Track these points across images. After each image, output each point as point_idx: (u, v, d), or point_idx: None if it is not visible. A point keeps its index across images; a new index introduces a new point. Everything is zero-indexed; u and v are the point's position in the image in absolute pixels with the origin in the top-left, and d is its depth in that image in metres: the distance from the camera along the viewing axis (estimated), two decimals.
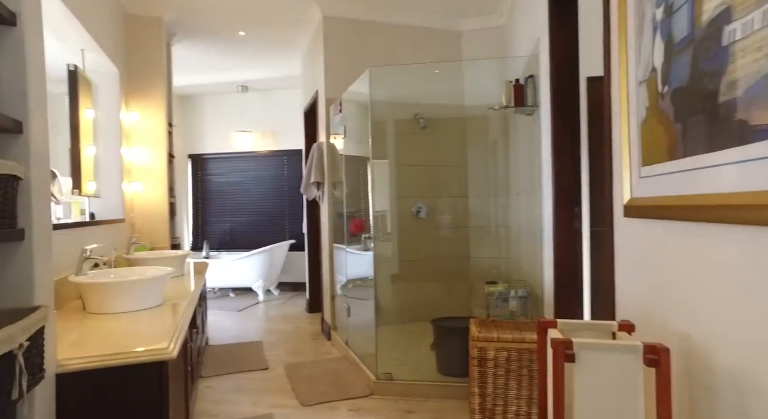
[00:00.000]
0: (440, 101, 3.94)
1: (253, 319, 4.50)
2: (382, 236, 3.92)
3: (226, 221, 6.08)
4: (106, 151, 3.04)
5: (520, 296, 2.47)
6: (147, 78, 3.51)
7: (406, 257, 3.91)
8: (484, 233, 4.02)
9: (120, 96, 3.17)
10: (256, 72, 5.23)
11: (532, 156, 2.63)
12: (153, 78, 3.53)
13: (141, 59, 3.49)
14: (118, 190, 3.11)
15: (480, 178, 3.99)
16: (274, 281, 5.66)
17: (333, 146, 3.67)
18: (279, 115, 5.93)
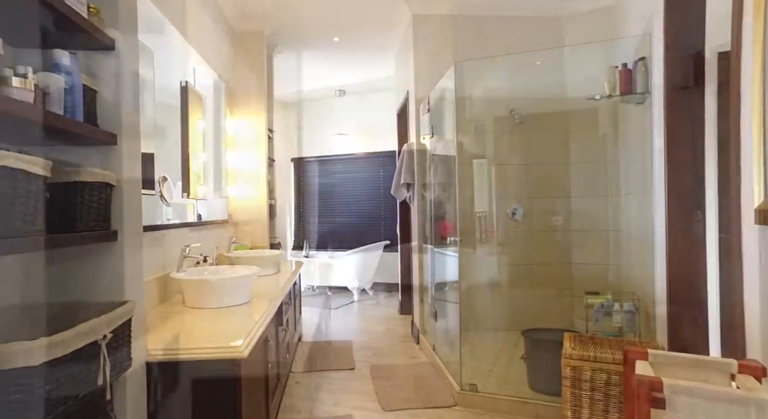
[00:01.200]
0: (538, 94, 3.65)
1: (346, 318, 4.62)
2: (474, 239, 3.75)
3: (326, 222, 6.33)
4: (213, 157, 3.32)
5: (627, 310, 2.16)
6: (249, 88, 3.77)
7: (500, 261, 3.69)
8: (589, 238, 3.63)
9: (224, 106, 3.44)
10: (351, 76, 5.37)
11: (644, 151, 2.30)
12: (255, 88, 3.79)
13: (245, 71, 3.76)
14: (222, 193, 3.37)
15: (583, 176, 3.62)
16: (369, 281, 5.76)
17: (423, 146, 3.60)
18: (374, 117, 6.02)
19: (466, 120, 3.66)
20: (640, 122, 2.35)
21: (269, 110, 4.28)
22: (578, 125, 3.59)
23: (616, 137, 3.06)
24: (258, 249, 3.67)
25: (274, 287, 2.39)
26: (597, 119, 3.47)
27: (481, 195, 3.79)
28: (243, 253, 3.04)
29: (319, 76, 5.32)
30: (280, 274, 2.86)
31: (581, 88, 3.58)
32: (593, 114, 3.50)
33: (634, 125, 2.47)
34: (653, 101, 2.05)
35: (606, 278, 3.48)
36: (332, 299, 5.52)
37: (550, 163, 3.71)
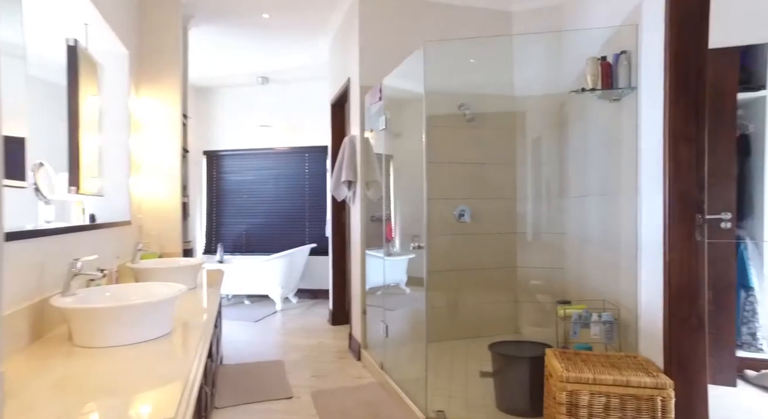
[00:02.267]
0: (489, 90, 3.49)
1: (271, 331, 4.09)
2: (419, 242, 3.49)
3: (242, 223, 5.69)
4: (112, 143, 2.65)
5: (605, 320, 2.01)
6: (160, 63, 3.12)
7: (445, 266, 3.46)
8: (535, 241, 3.56)
9: (129, 81, 2.78)
10: (277, 61, 4.83)
11: (618, 150, 2.17)
12: (167, 63, 3.14)
13: (154, 41, 3.10)
14: (124, 188, 2.71)
15: (531, 177, 3.53)
16: (293, 288, 5.25)
17: (367, 140, 3.24)
18: (300, 109, 5.53)
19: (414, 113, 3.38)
20: (612, 119, 2.23)
21: (183, 92, 3.63)
22: (529, 124, 3.49)
23: (568, 136, 2.97)
24: (169, 257, 3.04)
25: (198, 308, 1.88)
26: (549, 118, 3.39)
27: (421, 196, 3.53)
28: (154, 263, 2.43)
29: (240, 58, 4.71)
30: (200, 289, 2.32)
31: (541, 82, 3.49)
32: (546, 112, 3.42)
33: (603, 123, 2.35)
34: (640, 97, 1.91)
35: (551, 282, 3.42)
36: (252, 309, 4.92)
37: (499, 163, 3.56)
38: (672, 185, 1.63)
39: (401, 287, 3.64)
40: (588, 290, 2.64)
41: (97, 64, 2.40)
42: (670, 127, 1.64)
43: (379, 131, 2.86)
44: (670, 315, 1.64)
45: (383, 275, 3.35)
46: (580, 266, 2.89)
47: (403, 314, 3.56)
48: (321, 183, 5.46)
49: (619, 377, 1.62)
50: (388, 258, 3.41)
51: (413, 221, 3.38)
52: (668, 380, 1.60)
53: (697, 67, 1.62)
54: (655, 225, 1.75)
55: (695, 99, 1.62)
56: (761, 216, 3.12)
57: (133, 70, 2.86)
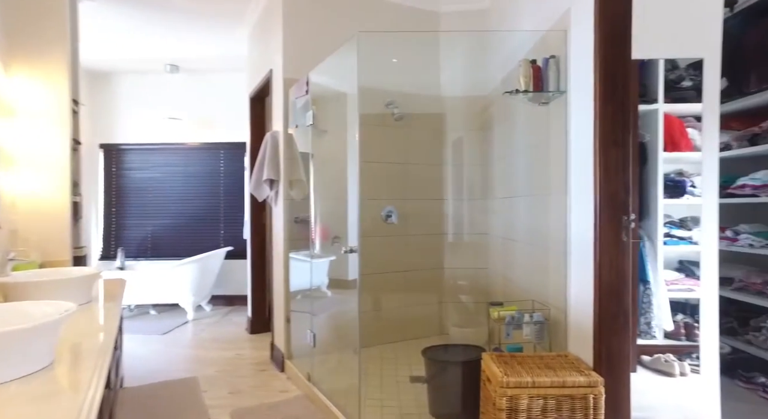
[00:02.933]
0: (417, 90, 3.45)
1: (181, 345, 3.71)
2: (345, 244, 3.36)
3: (147, 225, 5.14)
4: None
5: (536, 321, 2.03)
6: (41, 37, 2.65)
7: (373, 268, 3.36)
8: (460, 241, 3.59)
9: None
10: (188, 48, 4.41)
11: (546, 153, 2.22)
12: (51, 39, 2.68)
13: (30, 11, 2.63)
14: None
15: (458, 178, 3.55)
16: (207, 295, 4.84)
17: (291, 137, 3.04)
18: (215, 102, 5.12)
19: (338, 110, 3.24)
20: (541, 122, 2.27)
21: (73, 73, 3.14)
22: (459, 124, 3.50)
23: (506, 137, 3.02)
24: (54, 267, 2.59)
25: (92, 328, 1.57)
26: (483, 118, 3.43)
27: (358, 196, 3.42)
28: (32, 275, 2.03)
29: (146, 42, 4.23)
30: (96, 303, 1.98)
31: (464, 84, 3.51)
32: (478, 113, 3.46)
33: (534, 126, 2.39)
34: (570, 101, 1.94)
35: (477, 284, 3.47)
36: (159, 320, 4.45)
37: (426, 163, 3.54)
38: (602, 188, 1.67)
39: (323, 290, 3.49)
40: (515, 290, 2.68)
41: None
42: (600, 131, 1.67)
43: (306, 126, 2.68)
44: (600, 313, 1.67)
45: (309, 279, 3.18)
46: (506, 267, 2.94)
47: (328, 319, 3.40)
48: (238, 182, 5.10)
49: (556, 378, 1.62)
50: (313, 261, 3.24)
51: (336, 222, 3.25)
52: (599, 377, 1.63)
53: (624, 73, 1.68)
54: (584, 226, 1.79)
55: (622, 104, 1.67)
56: (656, 218, 3.41)
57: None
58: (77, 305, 1.56)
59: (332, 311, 3.55)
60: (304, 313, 3.05)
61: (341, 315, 3.49)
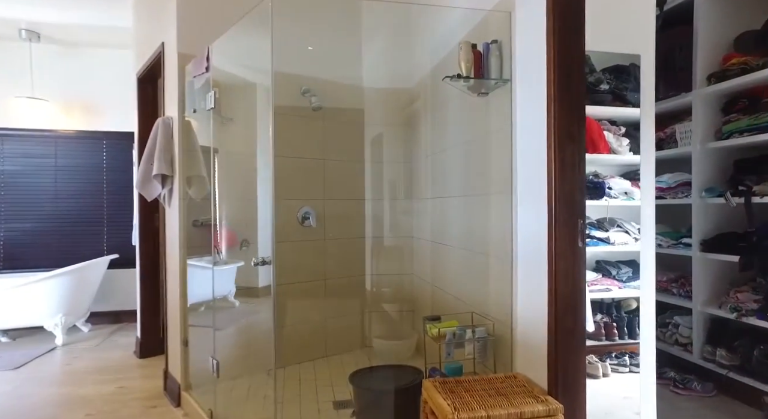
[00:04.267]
0: (336, 78, 3.11)
1: (42, 381, 2.98)
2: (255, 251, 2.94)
3: (8, 230, 4.18)
4: None
5: (480, 337, 1.81)
6: None
7: (288, 277, 2.97)
8: (382, 246, 3.32)
9: None
10: (55, 12, 3.62)
11: (484, 149, 2.02)
12: None
13: None
14: None
15: (379, 177, 3.28)
16: (84, 313, 4.05)
17: (189, 124, 2.54)
18: (96, 82, 4.32)
19: (246, 97, 2.80)
20: (479, 115, 2.07)
21: None
22: (382, 119, 3.23)
23: (436, 132, 2.79)
24: None
25: None
26: (408, 111, 3.18)
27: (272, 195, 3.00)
28: None
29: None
30: None
31: (389, 73, 3.24)
32: (402, 106, 3.20)
33: (470, 119, 2.19)
34: (515, 92, 1.75)
35: (402, 291, 3.23)
36: (12, 349, 3.59)
37: (345, 160, 3.22)
38: (558, 187, 1.48)
39: (230, 299, 3.03)
40: (447, 299, 2.47)
41: None
42: (556, 125, 1.48)
43: (207, 110, 2.22)
44: (557, 329, 1.48)
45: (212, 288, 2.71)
46: (436, 273, 2.73)
47: (236, 334, 2.95)
48: (125, 178, 4.36)
49: (512, 409, 1.40)
50: (217, 268, 2.77)
51: (244, 225, 2.82)
52: (558, 404, 1.44)
53: (579, 63, 1.51)
54: (534, 229, 1.60)
55: (577, 96, 1.50)
56: None
57: None
58: None
59: (241, 324, 3.10)
60: (207, 327, 2.57)
61: (251, 329, 3.05)
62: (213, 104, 2.13)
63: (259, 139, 2.91)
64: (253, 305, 3.12)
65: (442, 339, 1.82)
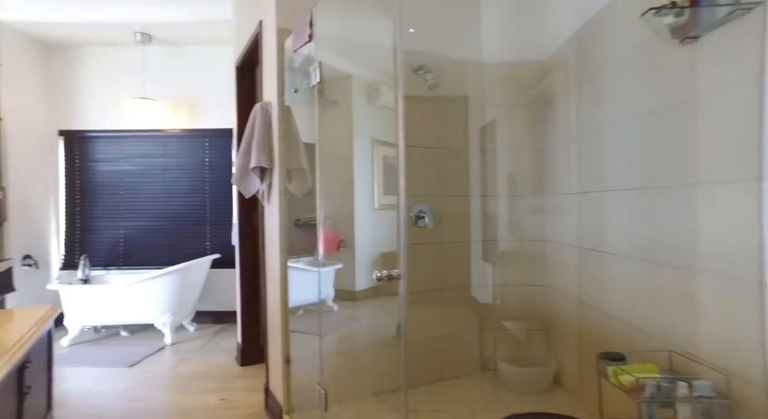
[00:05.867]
0: (451, 52, 2.63)
1: (152, 383, 2.89)
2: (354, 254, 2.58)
3: (119, 228, 4.32)
4: None
5: (702, 395, 1.21)
6: None
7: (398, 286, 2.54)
8: (508, 251, 2.77)
9: None
10: (163, 11, 3.58)
11: (683, 122, 1.40)
12: None
13: None
14: None
15: (503, 168, 2.74)
16: (190, 312, 4.03)
17: (288, 109, 2.22)
18: (198, 80, 4.29)
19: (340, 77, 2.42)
20: (674, 72, 1.45)
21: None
22: (505, 98, 2.69)
23: (586, 109, 2.19)
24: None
25: None
26: (537, 92, 2.61)
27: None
28: None
29: (107, 2, 3.40)
30: None
31: (515, 47, 2.69)
32: (532, 84, 2.64)
33: (661, 80, 1.57)
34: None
35: (532, 306, 2.66)
36: (129, 345, 3.63)
37: (462, 148, 2.72)
38: None
39: (328, 303, 2.70)
40: (611, 326, 1.87)
41: None
42: None
43: (309, 88, 1.86)
44: None
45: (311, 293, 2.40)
46: (587, 288, 2.13)
47: (336, 343, 2.60)
48: (226, 176, 4.28)
49: None
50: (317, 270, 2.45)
51: (341, 224, 2.46)
52: None
53: None
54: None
55: None
56: None
57: None
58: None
59: (341, 332, 2.76)
60: (306, 333, 2.25)
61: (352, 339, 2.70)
62: (318, 78, 1.76)
63: (355, 125, 2.53)
64: (352, 311, 2.78)
65: (640, 391, 1.25)
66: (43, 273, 4.07)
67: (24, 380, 1.44)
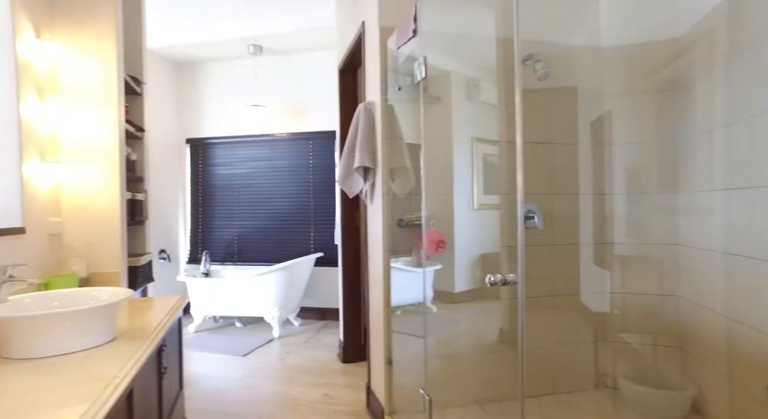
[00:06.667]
0: (562, 35, 2.42)
1: (262, 372, 3.07)
2: None
3: (233, 226, 4.69)
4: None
5: None
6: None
7: (507, 291, 2.40)
8: (630, 255, 2.47)
9: (15, 10, 1.78)
10: (272, 24, 3.81)
11: None
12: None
13: None
14: (11, 177, 1.71)
15: (618, 163, 2.45)
16: (295, 308, 4.23)
17: (392, 108, 2.20)
18: (302, 85, 4.50)
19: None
20: None
21: (138, 50, 2.63)
22: (626, 84, 2.41)
23: (740, 90, 1.88)
24: (100, 282, 2.05)
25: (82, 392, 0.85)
26: (667, 74, 2.31)
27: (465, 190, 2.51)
28: (39, 299, 1.40)
29: (225, 17, 3.70)
30: (119, 343, 1.29)
31: (636, 25, 2.41)
32: (660, 66, 2.34)
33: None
34: None
35: (661, 318, 2.34)
36: (242, 335, 3.91)
37: (571, 142, 2.50)
38: None
39: (427, 305, 2.63)
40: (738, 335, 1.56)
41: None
42: None
43: (414, 84, 1.81)
44: None
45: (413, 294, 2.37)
46: (738, 302, 1.81)
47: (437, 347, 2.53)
48: (329, 177, 4.44)
49: None
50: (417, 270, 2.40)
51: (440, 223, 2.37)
52: None
53: None
54: None
55: None
56: None
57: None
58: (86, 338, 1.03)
59: (442, 335, 2.68)
60: (405, 334, 2.22)
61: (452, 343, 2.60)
62: (424, 74, 1.70)
63: (455, 123, 2.43)
64: (451, 313, 2.69)
65: None
66: (174, 266, 4.57)
67: (162, 361, 1.59)
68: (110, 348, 1.27)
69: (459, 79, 2.44)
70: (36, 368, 1.10)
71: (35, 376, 1.05)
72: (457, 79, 2.44)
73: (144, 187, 2.72)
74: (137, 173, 2.65)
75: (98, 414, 0.87)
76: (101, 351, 1.23)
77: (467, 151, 2.56)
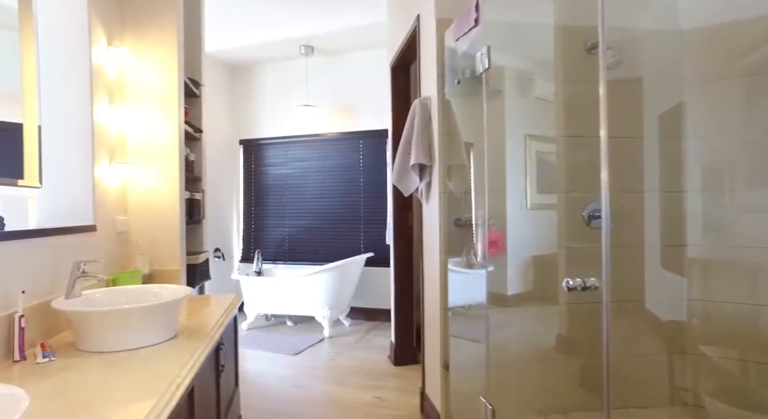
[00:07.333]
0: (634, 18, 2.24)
1: (312, 372, 3.07)
2: None
3: (284, 226, 4.75)
4: (62, 112, 1.71)
5: None
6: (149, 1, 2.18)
7: (568, 296, 2.25)
8: (711, 259, 2.25)
9: (89, 21, 1.84)
10: (323, 24, 3.82)
11: None
12: (159, 3, 2.19)
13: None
14: (84, 177, 1.78)
15: (705, 155, 2.23)
16: (345, 308, 4.22)
17: (449, 104, 2.11)
18: (353, 84, 4.49)
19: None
20: None
21: (196, 53, 2.70)
22: (708, 70, 2.20)
23: None
24: (162, 279, 2.10)
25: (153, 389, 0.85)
26: (757, 57, 2.09)
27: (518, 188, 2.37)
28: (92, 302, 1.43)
29: (277, 20, 3.75)
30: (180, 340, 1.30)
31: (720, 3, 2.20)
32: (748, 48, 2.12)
33: None
34: None
35: (754, 330, 2.11)
36: (294, 334, 3.94)
37: (637, 136, 2.31)
38: None
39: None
40: None
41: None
42: None
43: (477, 75, 1.72)
44: None
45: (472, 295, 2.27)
46: None
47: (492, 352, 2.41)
48: (379, 177, 4.40)
49: None
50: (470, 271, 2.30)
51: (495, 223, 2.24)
52: None
53: None
54: None
55: None
56: None
57: (102, 6, 1.92)
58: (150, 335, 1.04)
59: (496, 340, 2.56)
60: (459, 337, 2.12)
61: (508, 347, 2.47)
62: (487, 64, 1.61)
63: (508, 119, 2.30)
64: (504, 317, 2.56)
65: None
66: (228, 264, 4.69)
67: (219, 359, 1.59)
68: (172, 344, 1.27)
69: (512, 73, 2.32)
70: (106, 362, 1.12)
71: (105, 371, 1.06)
72: (511, 74, 2.32)
73: (201, 187, 2.78)
74: (195, 173, 2.72)
75: (164, 412, 0.86)
76: (164, 348, 1.24)
77: (520, 149, 2.43)
